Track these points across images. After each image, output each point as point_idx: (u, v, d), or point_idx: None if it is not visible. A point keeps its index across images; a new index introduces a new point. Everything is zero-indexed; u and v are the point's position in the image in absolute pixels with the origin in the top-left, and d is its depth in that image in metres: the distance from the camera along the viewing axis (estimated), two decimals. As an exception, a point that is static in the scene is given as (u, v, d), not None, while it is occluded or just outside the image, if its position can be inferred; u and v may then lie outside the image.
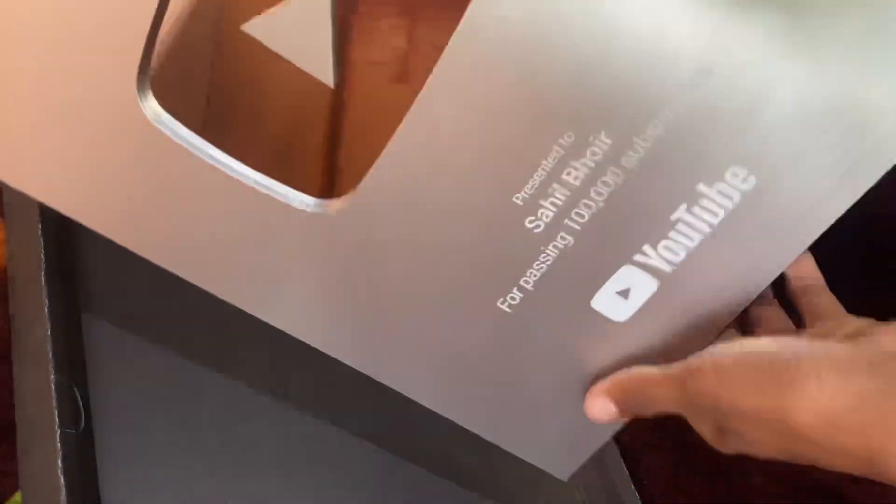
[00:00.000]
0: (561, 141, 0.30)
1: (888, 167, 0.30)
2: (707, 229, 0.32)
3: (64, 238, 0.47)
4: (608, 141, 0.30)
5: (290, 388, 0.49)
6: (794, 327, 0.36)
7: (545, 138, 0.30)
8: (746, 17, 0.27)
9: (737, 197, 0.31)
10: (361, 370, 0.37)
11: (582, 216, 0.32)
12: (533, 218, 0.32)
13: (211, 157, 0.31)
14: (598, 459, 0.52)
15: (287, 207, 0.32)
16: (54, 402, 0.41)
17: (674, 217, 0.31)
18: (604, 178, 0.31)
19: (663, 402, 0.33)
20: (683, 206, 0.31)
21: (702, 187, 0.31)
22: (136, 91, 0.30)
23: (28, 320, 0.44)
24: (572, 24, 0.28)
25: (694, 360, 0.32)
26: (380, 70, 0.44)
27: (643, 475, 0.53)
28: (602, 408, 0.35)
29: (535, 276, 0.33)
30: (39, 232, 0.46)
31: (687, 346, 0.34)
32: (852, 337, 0.30)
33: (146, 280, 0.49)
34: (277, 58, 0.42)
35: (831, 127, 0.29)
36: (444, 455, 0.51)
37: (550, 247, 0.33)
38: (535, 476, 0.40)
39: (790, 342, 0.30)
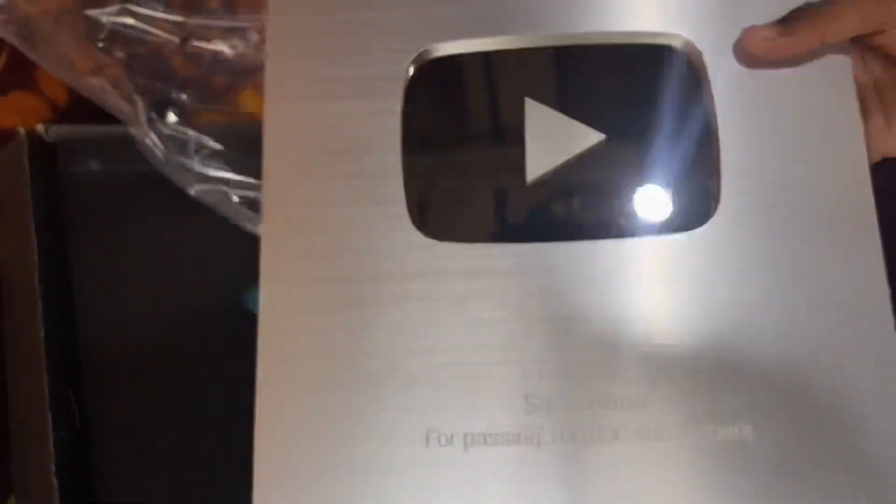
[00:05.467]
0: None
1: None
2: None
3: (58, 241, 0.47)
4: None
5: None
6: None
7: None
8: None
9: None
10: None
11: None
12: None
13: None
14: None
15: None
16: (48, 406, 0.41)
17: None
18: None
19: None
20: None
21: None
22: None
23: (21, 322, 0.44)
24: None
25: None
26: None
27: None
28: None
29: None
30: (33, 233, 0.45)
31: None
32: None
33: (142, 282, 0.49)
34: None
35: None
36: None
37: None
38: None
39: None
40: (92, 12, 0.50)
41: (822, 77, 0.34)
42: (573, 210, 0.35)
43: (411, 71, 0.35)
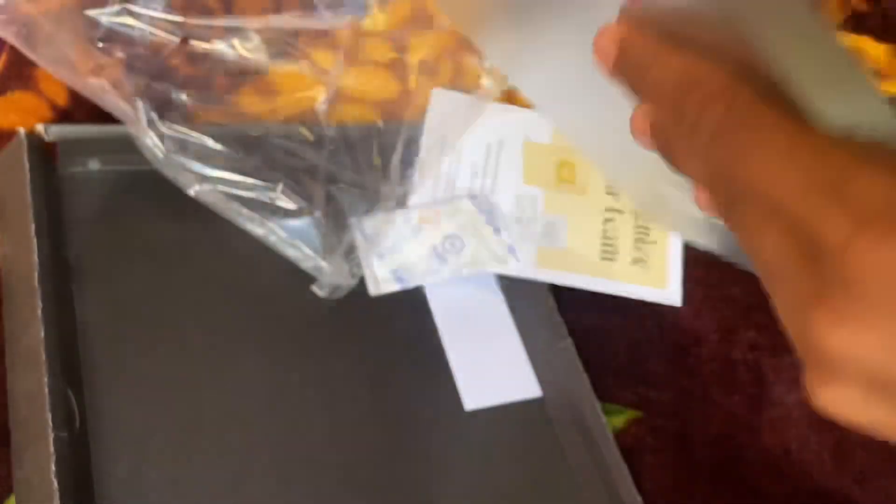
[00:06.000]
0: None
1: None
2: None
3: (58, 240, 0.47)
4: None
5: (287, 391, 0.49)
6: None
7: None
8: None
9: None
10: None
11: None
12: None
13: None
14: (599, 461, 0.52)
15: None
16: (48, 406, 0.41)
17: None
18: None
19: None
20: None
21: None
22: None
23: (22, 323, 0.44)
24: None
25: None
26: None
27: (644, 478, 0.53)
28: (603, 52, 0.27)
29: None
30: (33, 233, 0.45)
31: None
32: None
33: (141, 282, 0.49)
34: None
35: None
36: (443, 461, 0.50)
37: None
38: None
39: None
40: (92, 12, 0.50)
41: None
42: None
43: None
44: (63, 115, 0.54)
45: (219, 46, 0.52)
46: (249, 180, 0.50)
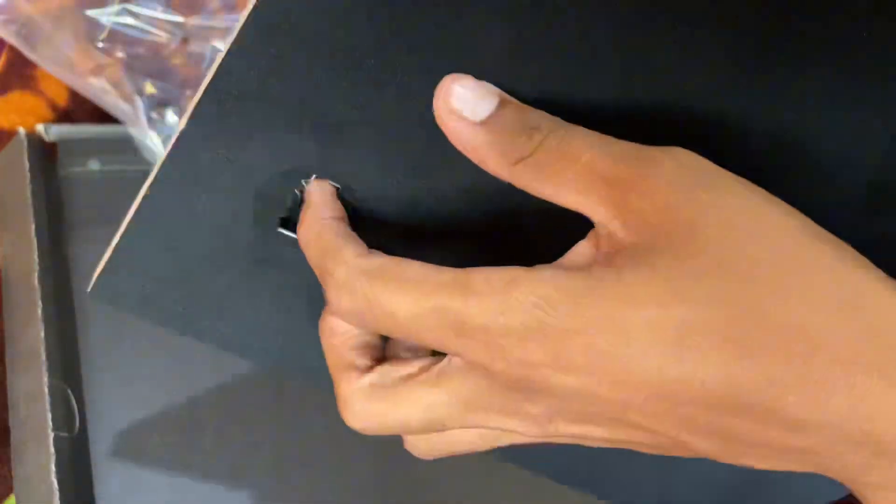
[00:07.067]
0: None
1: None
2: None
3: (58, 240, 0.47)
4: None
5: (287, 391, 0.49)
6: None
7: None
8: None
9: None
10: None
11: None
12: None
13: None
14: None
15: None
16: (48, 405, 0.41)
17: None
18: None
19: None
20: None
21: None
22: None
23: (21, 322, 0.44)
24: None
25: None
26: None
27: (644, 478, 0.53)
28: None
29: None
30: (33, 233, 0.45)
31: None
32: None
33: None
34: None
35: None
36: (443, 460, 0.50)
37: None
38: None
39: None
40: (92, 12, 0.50)
41: None
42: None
43: None
44: (63, 115, 0.54)
45: (219, 46, 0.52)
46: (249, 180, 0.50)
